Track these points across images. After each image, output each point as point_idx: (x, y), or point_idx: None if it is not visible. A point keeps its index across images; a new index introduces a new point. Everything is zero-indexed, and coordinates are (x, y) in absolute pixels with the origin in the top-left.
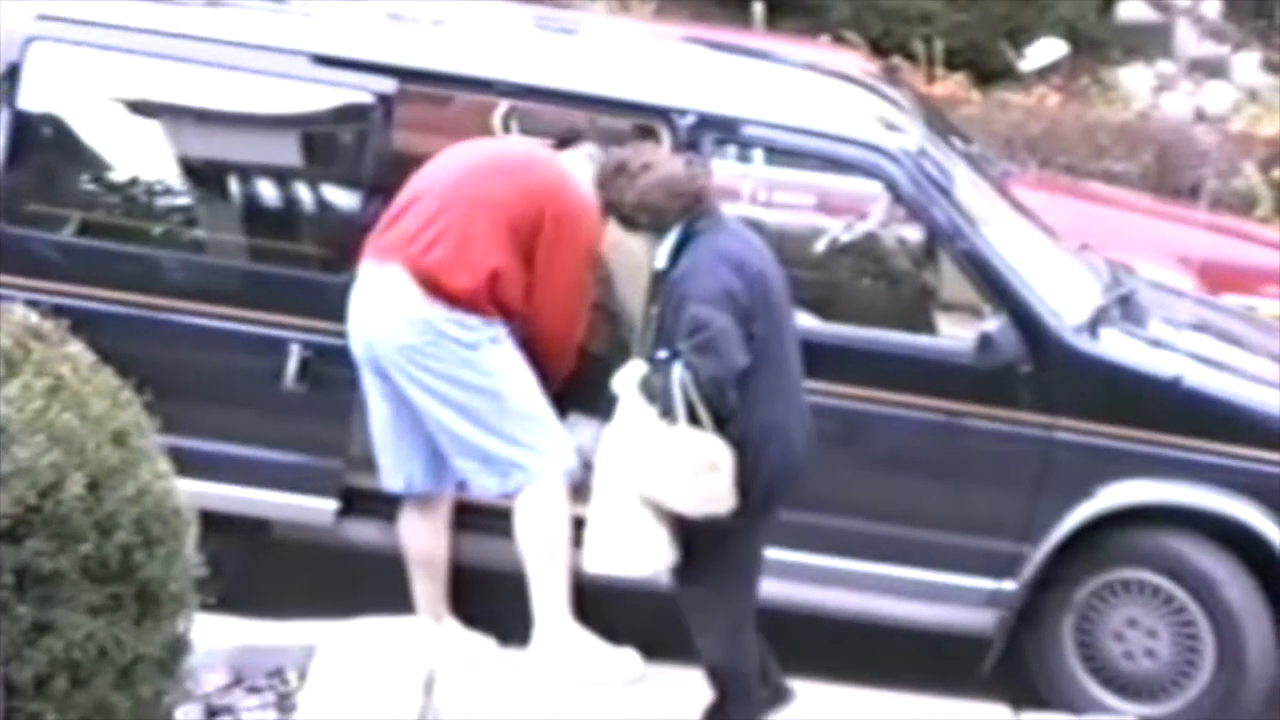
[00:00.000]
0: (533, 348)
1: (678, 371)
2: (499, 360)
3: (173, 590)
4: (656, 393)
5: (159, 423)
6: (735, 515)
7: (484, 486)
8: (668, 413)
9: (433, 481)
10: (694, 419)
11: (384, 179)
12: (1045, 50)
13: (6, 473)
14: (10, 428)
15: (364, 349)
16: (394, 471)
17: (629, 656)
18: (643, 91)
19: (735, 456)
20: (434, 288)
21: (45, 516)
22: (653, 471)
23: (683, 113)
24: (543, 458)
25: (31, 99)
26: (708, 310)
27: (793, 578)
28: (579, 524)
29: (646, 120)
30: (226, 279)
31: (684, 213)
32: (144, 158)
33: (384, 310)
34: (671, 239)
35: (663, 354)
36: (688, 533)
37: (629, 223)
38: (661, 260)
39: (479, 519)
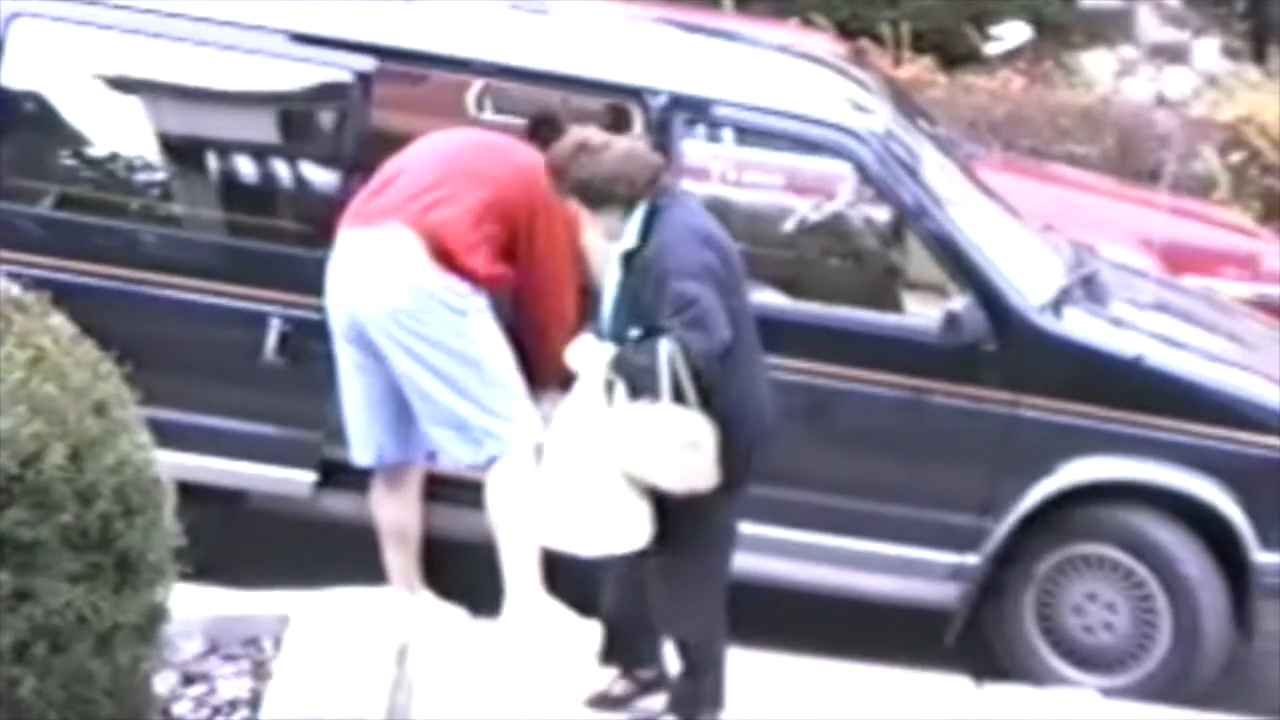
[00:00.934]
0: (531, 324)
1: (665, 347)
2: (483, 329)
3: (151, 559)
4: (635, 370)
5: (140, 395)
6: (715, 488)
7: (457, 456)
8: (650, 390)
9: (402, 453)
10: (678, 396)
11: (361, 156)
12: (1011, 33)
13: None
14: None
15: (345, 316)
16: (364, 445)
17: (597, 629)
18: (615, 71)
19: (717, 432)
20: (437, 246)
21: (26, 486)
22: (637, 449)
23: (655, 93)
24: (515, 429)
25: (14, 75)
26: (694, 285)
27: (758, 551)
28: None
29: (619, 100)
30: (206, 253)
31: (650, 185)
32: (125, 133)
33: (378, 271)
34: (639, 216)
35: (635, 332)
36: (665, 506)
37: (600, 198)
38: (631, 238)
39: (449, 491)
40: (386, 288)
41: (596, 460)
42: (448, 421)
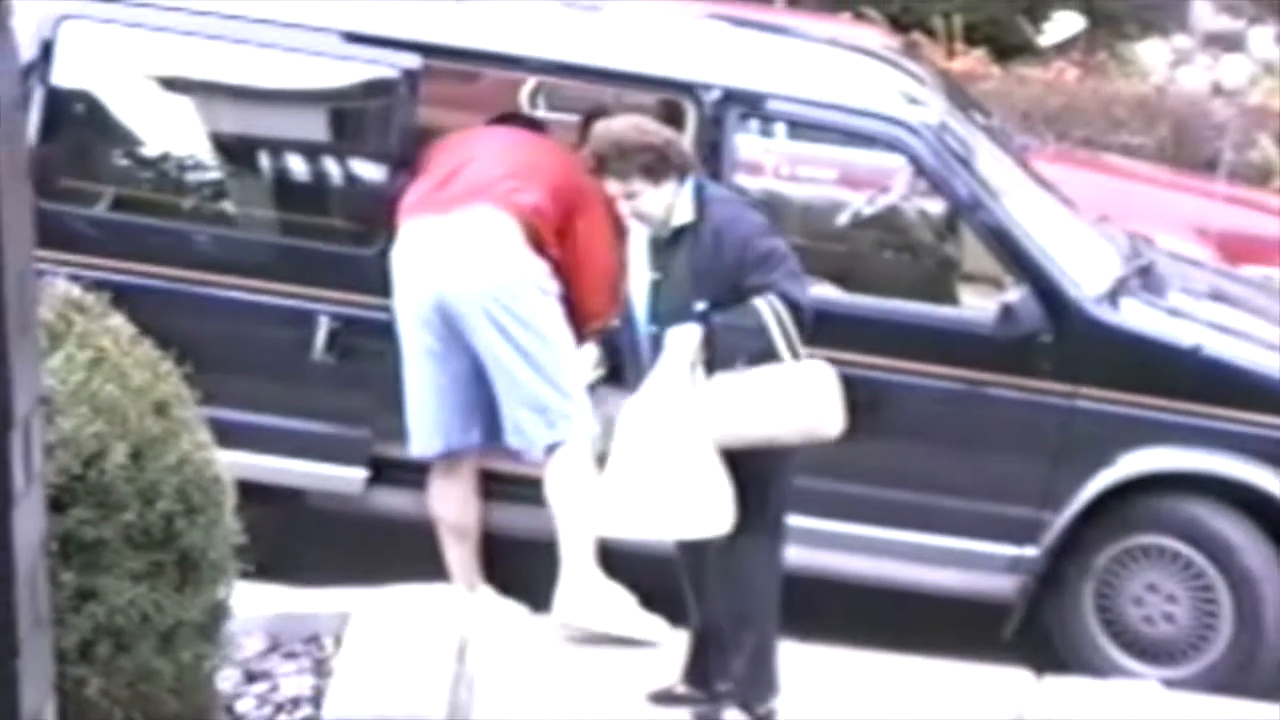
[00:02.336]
0: (586, 299)
1: (767, 305)
2: (559, 312)
3: (213, 558)
4: (737, 336)
5: (196, 394)
6: (778, 452)
7: (533, 437)
8: (753, 353)
9: (465, 441)
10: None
11: (411, 154)
12: (1064, 25)
13: (51, 443)
14: (55, 399)
15: (431, 299)
16: (432, 434)
17: (655, 621)
18: (668, 67)
19: None
20: (529, 229)
21: (89, 485)
22: (761, 411)
23: (708, 87)
24: (582, 413)
25: (64, 76)
26: (779, 241)
27: (816, 544)
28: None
29: (672, 95)
30: (256, 252)
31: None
32: (175, 133)
33: (477, 250)
34: (690, 190)
35: (701, 305)
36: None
37: (665, 170)
38: (688, 211)
39: (507, 488)
40: (488, 266)
41: (690, 441)
42: (528, 402)
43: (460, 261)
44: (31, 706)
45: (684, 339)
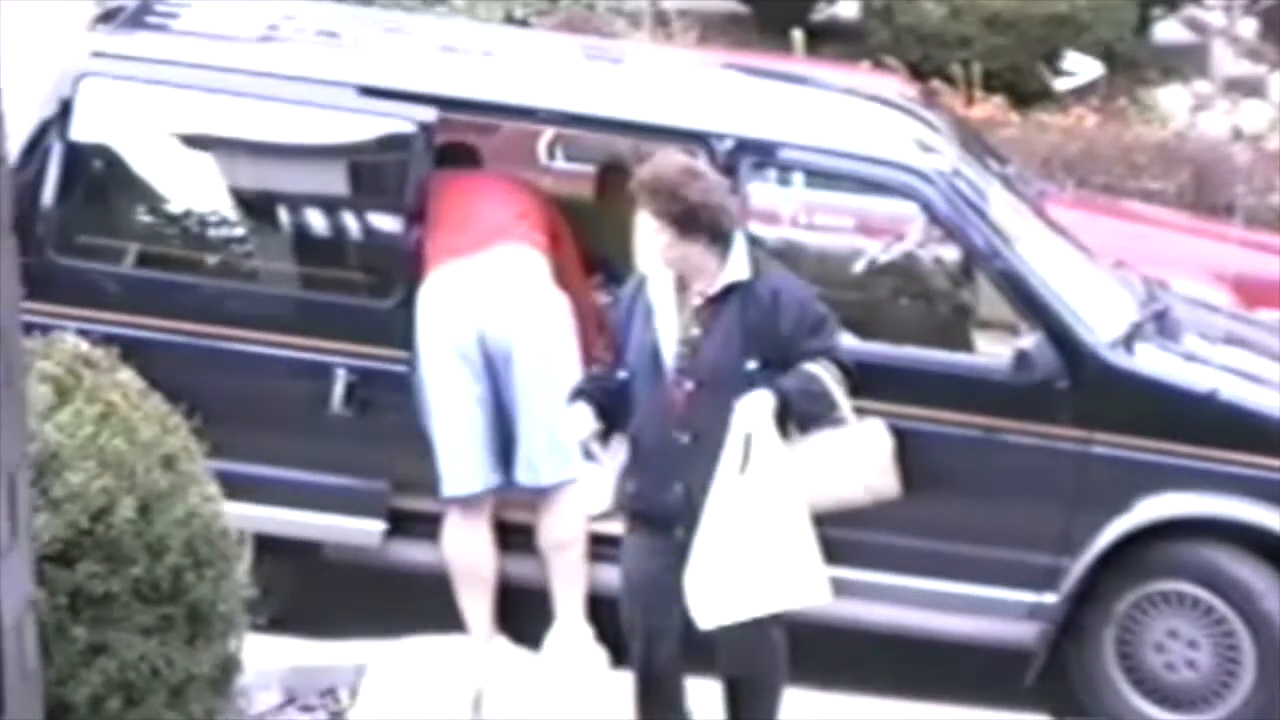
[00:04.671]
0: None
1: (826, 369)
2: (577, 349)
3: (222, 610)
4: (810, 401)
5: (211, 448)
6: None
7: (540, 471)
8: (816, 418)
9: (495, 478)
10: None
11: (427, 207)
12: (1081, 67)
13: (59, 497)
14: (62, 453)
15: (472, 337)
16: (470, 474)
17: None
18: (681, 117)
19: None
20: (553, 265)
21: (97, 540)
22: (842, 476)
23: (721, 137)
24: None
25: (83, 133)
26: (825, 308)
27: (837, 593)
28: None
29: (685, 145)
30: (273, 306)
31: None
32: (192, 189)
33: (514, 287)
34: (742, 247)
35: (752, 364)
36: None
37: (699, 226)
38: (743, 269)
39: (522, 539)
40: (528, 301)
41: (791, 509)
42: (548, 437)
43: (501, 299)
44: None
45: (760, 406)
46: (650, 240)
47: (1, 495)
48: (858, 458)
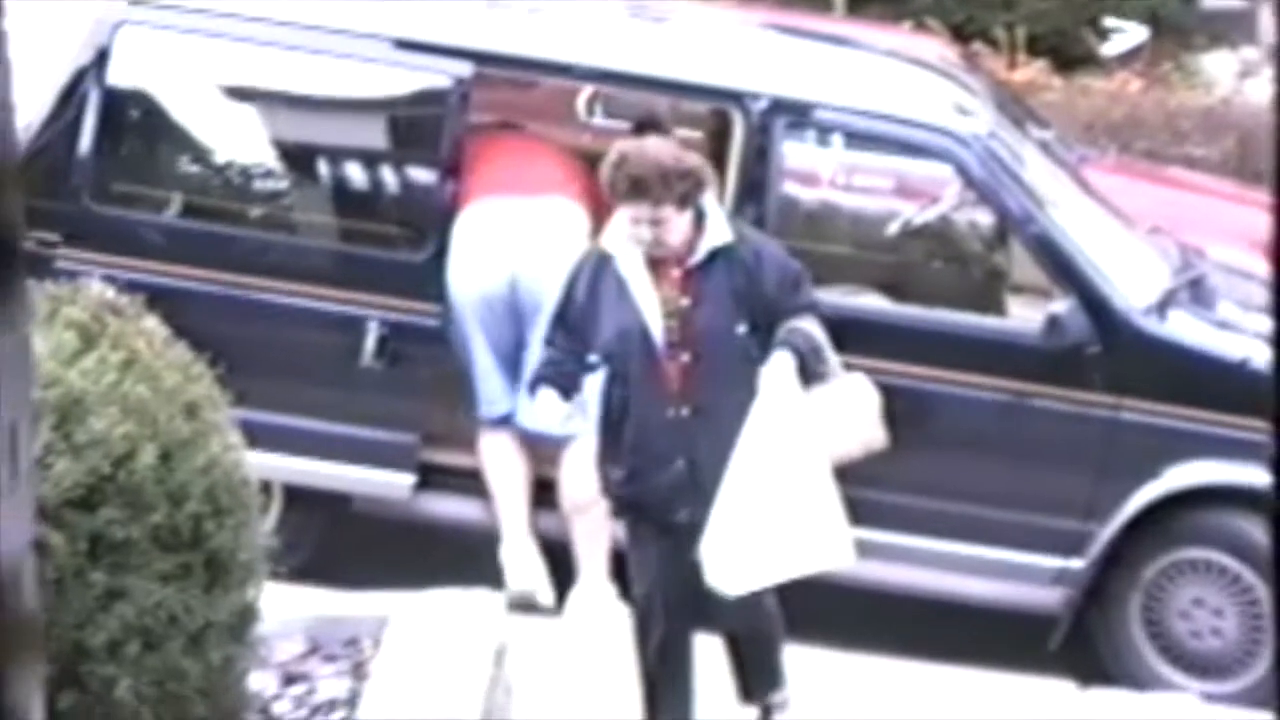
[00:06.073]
0: None
1: (815, 326)
2: None
3: (242, 559)
4: (816, 358)
5: (244, 398)
6: None
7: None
8: (826, 367)
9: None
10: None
11: (462, 161)
12: (1128, 35)
13: (81, 443)
14: (85, 399)
15: (504, 278)
16: (501, 396)
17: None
18: (715, 76)
19: None
20: (596, 226)
21: (118, 486)
22: (851, 427)
23: (755, 97)
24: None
25: (119, 81)
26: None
27: (863, 555)
28: None
29: (719, 104)
30: (306, 257)
31: None
32: (228, 139)
33: (555, 240)
34: (719, 211)
35: (742, 328)
36: None
37: (694, 196)
38: (727, 233)
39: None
40: (566, 257)
41: (819, 468)
42: None
43: (540, 248)
44: (20, 704)
45: (786, 366)
46: (627, 222)
47: (2, 442)
48: (850, 412)
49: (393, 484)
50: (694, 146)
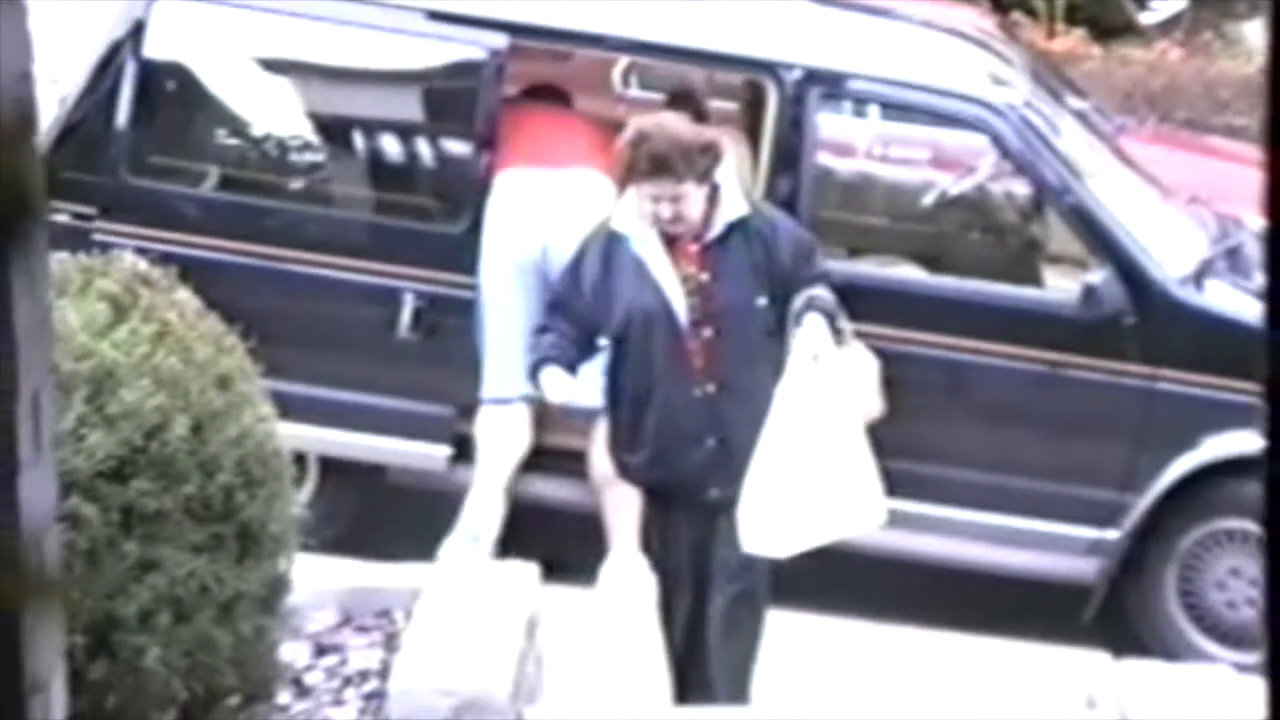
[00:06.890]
0: None
1: (829, 294)
2: None
3: (273, 530)
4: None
5: (281, 371)
6: None
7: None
8: (842, 336)
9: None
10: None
11: (497, 133)
12: (1167, 4)
13: (113, 414)
14: (118, 371)
15: (534, 250)
16: (518, 376)
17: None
18: (750, 46)
19: None
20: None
21: (150, 457)
22: (866, 393)
23: (789, 67)
24: None
25: (156, 55)
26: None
27: (897, 525)
28: None
29: (753, 74)
30: (342, 230)
31: None
32: (264, 111)
33: (586, 213)
34: (733, 180)
35: (762, 300)
36: None
37: (713, 170)
38: (741, 205)
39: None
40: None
41: (852, 433)
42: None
43: (570, 221)
44: (40, 675)
45: (819, 328)
46: (645, 200)
47: (25, 412)
48: (857, 380)
49: (428, 456)
50: (728, 118)
